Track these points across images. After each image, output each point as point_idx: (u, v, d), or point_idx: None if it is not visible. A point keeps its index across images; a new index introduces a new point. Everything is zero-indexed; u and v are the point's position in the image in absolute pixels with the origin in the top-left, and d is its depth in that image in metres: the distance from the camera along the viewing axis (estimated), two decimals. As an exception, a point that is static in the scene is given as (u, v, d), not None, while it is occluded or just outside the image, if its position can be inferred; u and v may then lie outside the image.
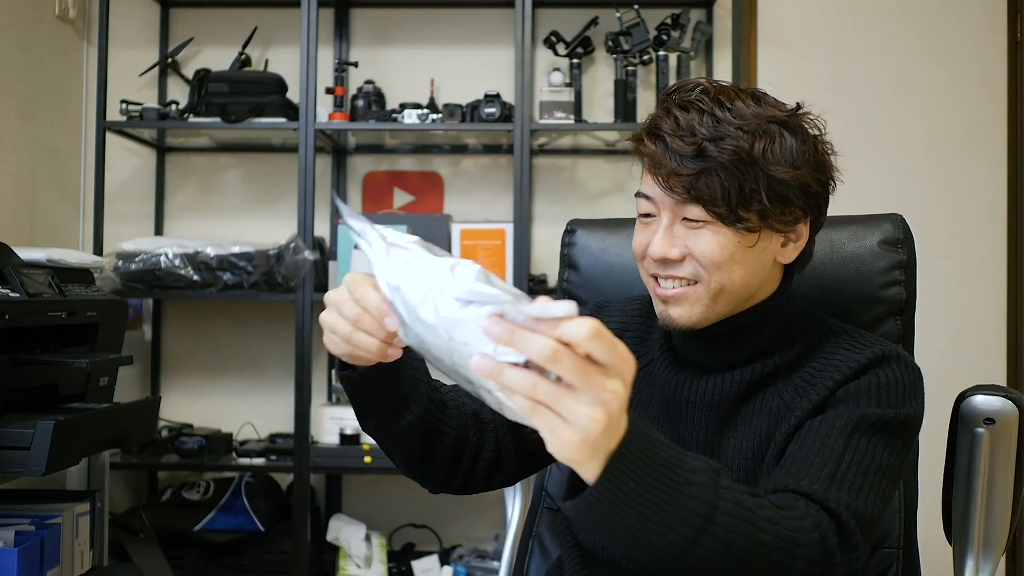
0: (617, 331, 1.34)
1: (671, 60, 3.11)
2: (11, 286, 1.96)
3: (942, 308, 3.17)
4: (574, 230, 1.61)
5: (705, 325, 1.19)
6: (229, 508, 2.98)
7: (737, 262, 1.15)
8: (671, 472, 0.88)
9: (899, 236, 1.44)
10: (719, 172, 1.11)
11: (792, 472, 1.07)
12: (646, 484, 0.86)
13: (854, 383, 1.14)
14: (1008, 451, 1.28)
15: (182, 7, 3.33)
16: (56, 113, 3.09)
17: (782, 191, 1.13)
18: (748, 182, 1.11)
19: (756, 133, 1.12)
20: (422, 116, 2.94)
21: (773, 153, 1.12)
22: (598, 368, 0.78)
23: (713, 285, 1.15)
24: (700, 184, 1.11)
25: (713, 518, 0.90)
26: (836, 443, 1.09)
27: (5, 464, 1.81)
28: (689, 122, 1.13)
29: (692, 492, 0.89)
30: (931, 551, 1.55)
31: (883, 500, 1.08)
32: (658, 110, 1.19)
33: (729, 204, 1.12)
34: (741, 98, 1.15)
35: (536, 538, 1.56)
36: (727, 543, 0.92)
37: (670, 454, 0.89)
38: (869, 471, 1.07)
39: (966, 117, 3.25)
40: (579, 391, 0.77)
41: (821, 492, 1.03)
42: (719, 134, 1.11)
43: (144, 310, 3.30)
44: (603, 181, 3.30)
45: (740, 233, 1.14)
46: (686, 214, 1.15)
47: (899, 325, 1.42)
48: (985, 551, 1.32)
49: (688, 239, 1.15)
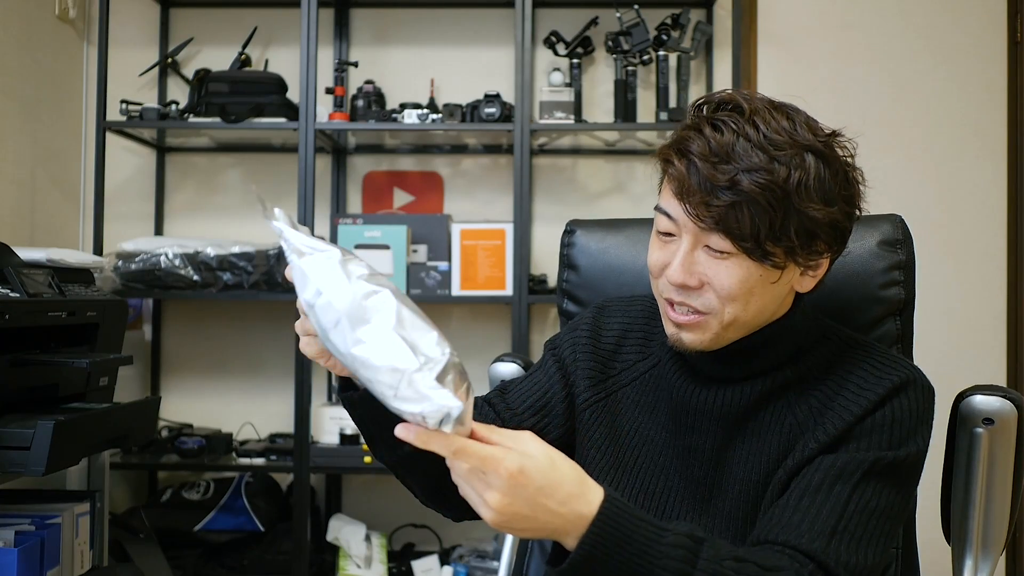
0: (619, 333, 1.33)
1: (671, 60, 3.11)
2: (11, 286, 1.96)
3: (942, 308, 3.17)
4: (573, 230, 1.61)
5: (715, 348, 1.17)
6: (229, 508, 2.98)
7: (755, 295, 1.12)
8: (646, 548, 0.95)
9: (898, 237, 1.44)
10: (750, 206, 1.06)
11: (794, 524, 1.07)
12: (618, 560, 0.94)
13: (870, 418, 1.12)
14: (1007, 451, 1.28)
15: (182, 7, 3.33)
16: (56, 113, 3.09)
17: (812, 228, 1.09)
18: (779, 218, 1.06)
19: (791, 165, 1.07)
20: (422, 116, 2.94)
21: (807, 188, 1.07)
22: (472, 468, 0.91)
23: (727, 317, 1.13)
24: (729, 216, 1.07)
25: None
26: (843, 489, 1.08)
27: (5, 464, 1.81)
28: (722, 146, 1.08)
29: (666, 564, 0.95)
30: (930, 551, 1.55)
31: (886, 543, 1.08)
32: (687, 127, 1.13)
33: (757, 239, 1.07)
34: (776, 118, 1.10)
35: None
36: None
37: (647, 530, 0.96)
38: (873, 517, 1.07)
39: (966, 117, 3.25)
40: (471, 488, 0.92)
41: (820, 551, 1.04)
42: (752, 165, 1.06)
43: (144, 310, 3.30)
44: (603, 181, 3.30)
45: (763, 267, 1.10)
46: (710, 243, 1.10)
47: (898, 325, 1.42)
48: (984, 551, 1.32)
49: (708, 268, 1.12)
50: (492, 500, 0.91)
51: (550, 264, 3.13)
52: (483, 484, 0.91)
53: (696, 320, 1.15)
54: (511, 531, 0.94)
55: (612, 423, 1.27)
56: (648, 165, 3.32)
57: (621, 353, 1.32)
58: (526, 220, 2.90)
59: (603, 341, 1.33)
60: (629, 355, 1.31)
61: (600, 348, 1.32)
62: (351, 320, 0.89)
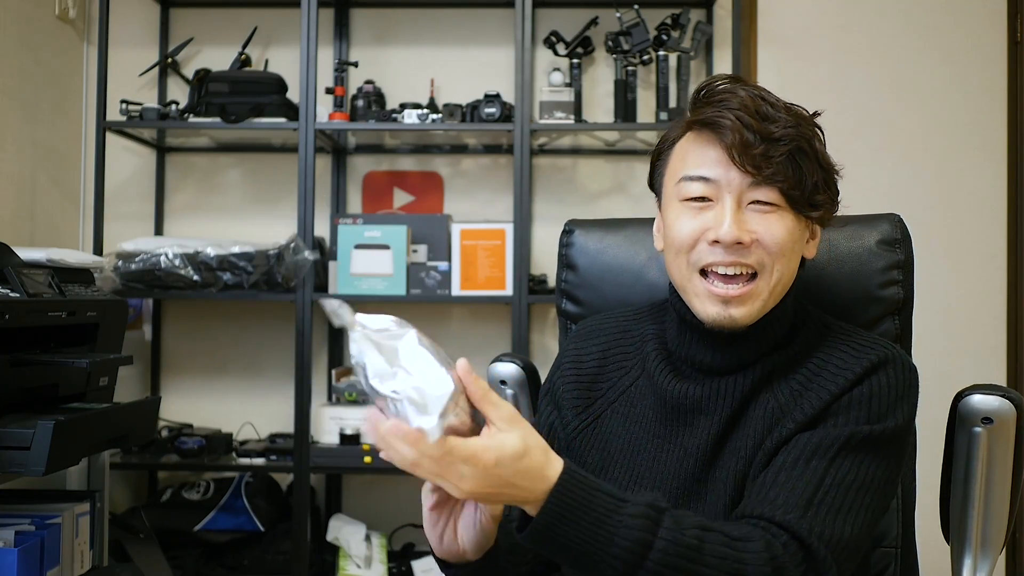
0: (599, 354, 1.33)
1: (671, 60, 3.11)
2: (11, 286, 1.96)
3: (942, 308, 3.17)
4: (572, 230, 1.61)
5: (751, 323, 1.18)
6: (229, 508, 2.98)
7: (795, 252, 1.17)
8: (607, 516, 0.97)
9: (897, 236, 1.44)
10: (799, 157, 1.13)
11: (770, 498, 1.08)
12: (576, 528, 0.96)
13: (847, 395, 1.13)
14: (1006, 450, 1.28)
15: (182, 7, 3.33)
16: (56, 113, 3.09)
17: (831, 183, 1.17)
18: (815, 172, 1.14)
19: (806, 124, 1.16)
20: (422, 116, 2.94)
21: (822, 144, 1.17)
22: (451, 462, 0.93)
23: (775, 276, 1.15)
24: (786, 166, 1.12)
25: (647, 556, 0.96)
26: (819, 464, 1.09)
27: (5, 464, 1.81)
28: (758, 105, 1.14)
29: (626, 534, 0.96)
30: (929, 550, 1.55)
31: (866, 516, 1.08)
32: (706, 99, 1.18)
33: (803, 190, 1.13)
34: (771, 94, 1.18)
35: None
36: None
37: (605, 501, 0.98)
38: (851, 489, 1.07)
39: (966, 117, 3.25)
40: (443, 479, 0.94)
41: (795, 521, 1.04)
42: (790, 122, 1.13)
43: (144, 310, 3.30)
44: (603, 181, 3.30)
45: (801, 222, 1.16)
46: (757, 196, 1.14)
47: (897, 325, 1.42)
48: (983, 550, 1.32)
49: (758, 224, 1.14)
50: (466, 486, 0.94)
51: (550, 264, 3.13)
52: (457, 474, 0.94)
53: (747, 290, 1.15)
54: (483, 499, 0.99)
55: (603, 444, 1.27)
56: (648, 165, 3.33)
57: (604, 373, 1.32)
58: (526, 220, 2.90)
59: (585, 366, 1.33)
60: (612, 373, 1.32)
61: (582, 374, 1.33)
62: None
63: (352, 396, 3.00)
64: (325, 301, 0.96)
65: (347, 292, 2.93)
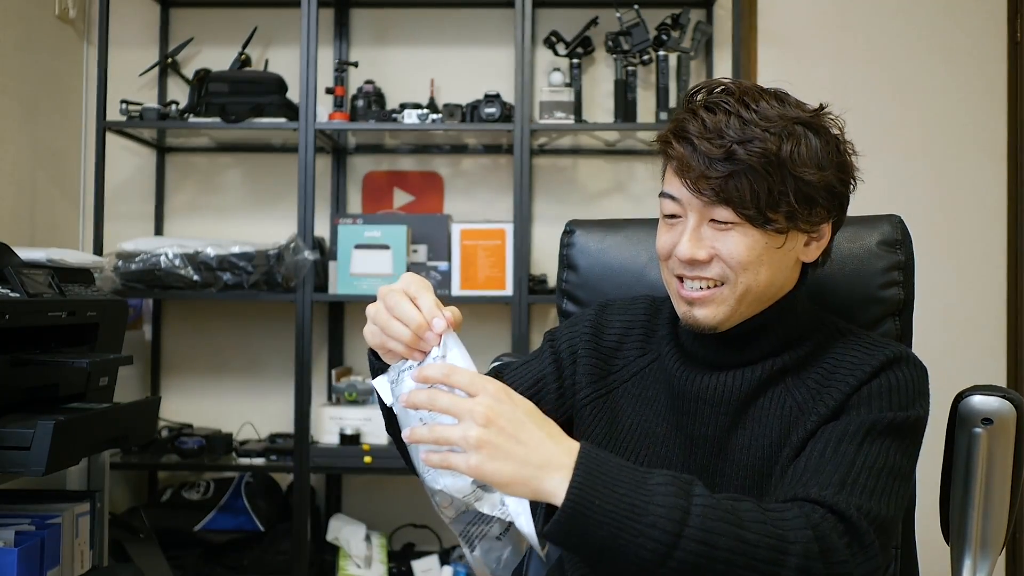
0: (621, 331, 1.35)
1: (671, 60, 3.11)
2: (11, 286, 1.96)
3: (942, 308, 3.17)
4: (573, 230, 1.61)
5: (729, 327, 1.20)
6: (229, 508, 2.98)
7: (764, 263, 1.16)
8: (635, 486, 0.97)
9: (897, 237, 1.44)
10: (748, 175, 1.12)
11: (802, 481, 1.08)
12: (611, 500, 0.95)
13: (866, 387, 1.14)
14: (1005, 451, 1.28)
15: (182, 7, 3.33)
16: (56, 113, 3.09)
17: (808, 192, 1.14)
18: (776, 184, 1.12)
19: (782, 135, 1.13)
20: (422, 116, 2.94)
21: (799, 155, 1.13)
22: (463, 396, 0.99)
23: (740, 287, 1.16)
24: (729, 186, 1.12)
25: (686, 522, 0.95)
26: (848, 448, 1.09)
27: (5, 464, 1.81)
28: (716, 124, 1.14)
29: (659, 501, 0.96)
30: (929, 551, 1.55)
31: (898, 501, 1.08)
32: (683, 112, 1.19)
33: (758, 206, 1.12)
34: (765, 98, 1.16)
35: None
36: (708, 544, 0.95)
37: (630, 471, 0.98)
38: (882, 473, 1.08)
39: (966, 117, 3.25)
40: (459, 421, 0.98)
41: (830, 497, 1.04)
42: (747, 136, 1.12)
43: (144, 310, 3.30)
44: (603, 181, 3.30)
45: (768, 234, 1.15)
46: (714, 215, 1.15)
47: (897, 326, 1.43)
48: (983, 551, 1.32)
49: (716, 240, 1.16)
50: (479, 409, 0.98)
51: (550, 264, 3.13)
52: (466, 407, 0.98)
53: (709, 294, 1.18)
54: (494, 463, 0.97)
55: (612, 420, 1.29)
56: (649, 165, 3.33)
57: (622, 350, 1.34)
58: (526, 220, 2.90)
59: (605, 339, 1.35)
60: (630, 352, 1.33)
61: (601, 346, 1.34)
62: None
63: (352, 396, 3.00)
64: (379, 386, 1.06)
65: (347, 292, 2.93)
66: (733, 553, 0.95)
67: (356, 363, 3.30)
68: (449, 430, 0.98)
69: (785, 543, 0.97)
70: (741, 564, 0.96)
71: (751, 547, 0.96)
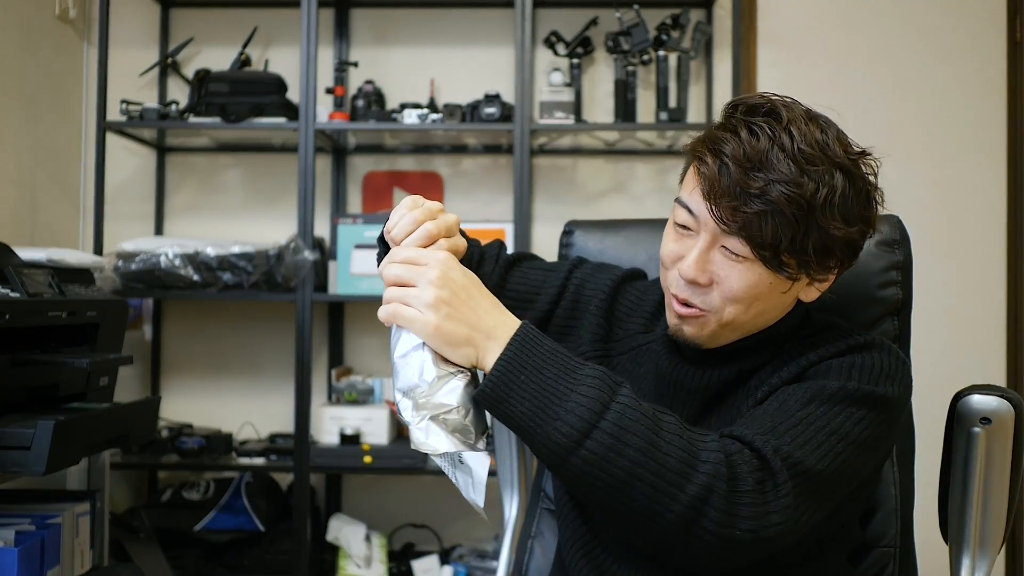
0: (632, 304, 1.37)
1: (671, 60, 3.11)
2: (11, 286, 1.96)
3: (941, 308, 3.17)
4: (572, 231, 1.62)
5: (713, 346, 1.20)
6: (229, 508, 2.98)
7: (759, 300, 1.14)
8: (564, 372, 1.00)
9: (896, 237, 1.45)
10: (775, 217, 1.07)
11: (736, 424, 1.09)
12: (537, 379, 0.99)
13: (826, 362, 1.15)
14: (1004, 451, 1.28)
15: (182, 7, 3.33)
16: (56, 113, 3.09)
17: (829, 244, 1.11)
18: (800, 233, 1.08)
19: (820, 181, 1.08)
20: (422, 116, 2.94)
21: (831, 205, 1.09)
22: (415, 265, 1.07)
23: (726, 316, 1.15)
24: (754, 223, 1.08)
25: (604, 415, 0.97)
26: (791, 407, 1.09)
27: (5, 464, 1.81)
28: (756, 152, 1.09)
29: (583, 392, 0.98)
30: (928, 550, 1.55)
31: (837, 461, 1.05)
32: (720, 127, 1.14)
33: (776, 249, 1.09)
34: (810, 129, 1.11)
35: (535, 538, 1.56)
36: (620, 440, 0.97)
37: (564, 359, 1.01)
38: (821, 431, 1.06)
39: (966, 117, 3.25)
40: (412, 285, 1.06)
41: (752, 436, 1.03)
42: (784, 176, 1.07)
43: (144, 310, 3.30)
44: (603, 181, 3.30)
45: (775, 277, 1.12)
46: (727, 244, 1.12)
47: (896, 325, 1.43)
48: (981, 550, 1.32)
49: (722, 268, 1.13)
50: (431, 274, 1.05)
51: (550, 264, 3.12)
52: (418, 273, 1.05)
53: (696, 314, 1.17)
54: (451, 322, 1.03)
55: None
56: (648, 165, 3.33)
57: (627, 323, 1.35)
58: (526, 220, 2.90)
59: (618, 305, 1.37)
60: (633, 326, 1.35)
61: (614, 310, 1.36)
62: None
63: (352, 396, 3.00)
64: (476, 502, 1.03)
65: (347, 292, 2.93)
66: (643, 455, 0.97)
67: (356, 363, 3.30)
68: (407, 290, 1.05)
69: (696, 459, 0.98)
70: (647, 467, 0.96)
71: (662, 454, 0.97)
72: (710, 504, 0.97)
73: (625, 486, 0.97)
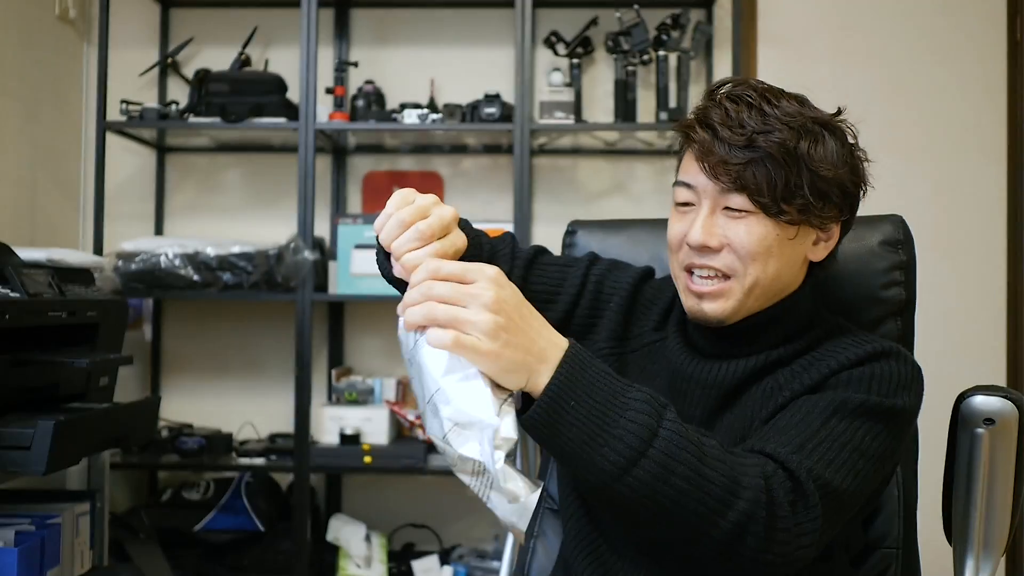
0: (649, 301, 1.37)
1: (671, 60, 3.11)
2: (11, 286, 1.96)
3: (942, 309, 3.17)
4: (575, 231, 1.62)
5: (735, 320, 1.21)
6: (229, 508, 2.98)
7: (773, 255, 1.18)
8: (612, 396, 0.98)
9: (899, 237, 1.44)
10: (766, 163, 1.14)
11: (764, 438, 1.09)
12: (586, 404, 0.97)
13: (847, 372, 1.15)
14: (1008, 452, 1.28)
15: (182, 7, 3.33)
16: (56, 113, 3.09)
17: (823, 188, 1.16)
18: (792, 175, 1.15)
19: (801, 131, 1.16)
20: (422, 116, 2.93)
21: (816, 151, 1.16)
22: (461, 283, 0.98)
23: (748, 279, 1.18)
24: (747, 174, 1.14)
25: (652, 442, 0.96)
26: (815, 420, 1.10)
27: (5, 464, 1.81)
28: (739, 114, 1.16)
29: (631, 416, 0.97)
30: (932, 551, 1.55)
31: (858, 479, 1.08)
32: (706, 101, 1.21)
33: (774, 195, 1.15)
34: (786, 97, 1.20)
35: (537, 538, 1.56)
36: (666, 468, 0.96)
37: (612, 382, 0.99)
38: (845, 448, 1.08)
39: (966, 117, 3.25)
40: (463, 306, 0.97)
41: (785, 455, 1.05)
42: (768, 127, 1.15)
43: (144, 310, 3.30)
44: (603, 181, 3.30)
45: (780, 225, 1.16)
46: (728, 203, 1.17)
47: (899, 326, 1.42)
48: (985, 551, 1.32)
49: (728, 229, 1.17)
50: (486, 296, 0.96)
51: (550, 264, 3.12)
52: (469, 294, 0.97)
53: (719, 288, 1.19)
54: (509, 350, 0.96)
55: None
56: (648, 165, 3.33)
57: (643, 321, 1.36)
58: (526, 220, 2.90)
59: (636, 303, 1.37)
60: (648, 324, 1.35)
61: (632, 308, 1.37)
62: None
63: (352, 396, 3.00)
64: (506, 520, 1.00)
65: (347, 292, 2.93)
66: (688, 483, 0.97)
67: (356, 363, 3.30)
68: (459, 310, 0.97)
69: (738, 486, 0.98)
70: (693, 496, 0.97)
71: (706, 481, 0.97)
72: (749, 531, 0.98)
73: (670, 512, 0.98)
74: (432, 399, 0.99)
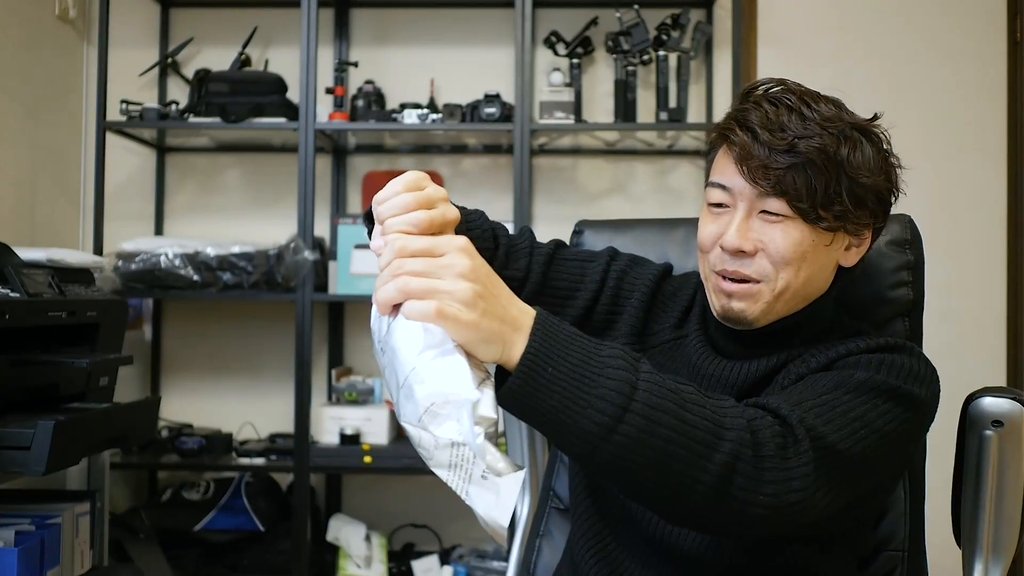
0: (670, 297, 1.37)
1: (671, 60, 3.11)
2: (11, 286, 1.96)
3: (942, 309, 3.16)
4: (582, 231, 1.62)
5: (764, 323, 1.20)
6: (229, 508, 2.98)
7: (807, 260, 1.17)
8: (588, 357, 0.94)
9: (907, 237, 1.44)
10: (807, 168, 1.13)
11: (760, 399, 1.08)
12: (564, 368, 0.93)
13: (856, 357, 1.15)
14: (1016, 453, 1.28)
15: (182, 7, 3.33)
16: (56, 113, 3.08)
17: (861, 194, 1.16)
18: (832, 182, 1.14)
19: (841, 136, 1.16)
20: (422, 116, 2.93)
21: (855, 157, 1.16)
22: (432, 256, 0.93)
23: (779, 284, 1.17)
24: (788, 179, 1.14)
25: (634, 396, 0.94)
26: (818, 389, 1.09)
27: (5, 464, 1.80)
28: (779, 117, 1.15)
29: (610, 374, 0.94)
30: (939, 553, 1.55)
31: (860, 445, 1.05)
32: (745, 103, 1.20)
33: (813, 201, 1.14)
34: (823, 101, 1.19)
35: (543, 537, 1.55)
36: (652, 420, 0.94)
37: (584, 343, 0.96)
38: (847, 416, 1.06)
39: (966, 117, 3.25)
40: (436, 278, 0.91)
41: (776, 404, 1.03)
42: (808, 132, 1.14)
43: (144, 310, 3.29)
44: (603, 181, 3.30)
45: (816, 231, 1.16)
46: (766, 207, 1.16)
47: (907, 326, 1.42)
48: (994, 554, 1.32)
49: (763, 233, 1.17)
50: (460, 265, 0.91)
51: (550, 264, 3.12)
52: (442, 265, 0.92)
53: (748, 289, 1.18)
54: (486, 320, 0.91)
55: None
56: (648, 165, 3.33)
57: (663, 317, 1.36)
58: (526, 220, 2.90)
59: (657, 300, 1.37)
60: (668, 320, 1.35)
61: (652, 304, 1.36)
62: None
63: (352, 396, 2.99)
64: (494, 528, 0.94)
65: (347, 292, 2.93)
66: (673, 431, 0.94)
67: (356, 363, 3.30)
68: (434, 282, 0.92)
69: (721, 428, 0.97)
70: (679, 443, 0.95)
71: (690, 427, 0.95)
72: (737, 470, 0.96)
73: (659, 464, 0.95)
74: (407, 381, 0.93)
